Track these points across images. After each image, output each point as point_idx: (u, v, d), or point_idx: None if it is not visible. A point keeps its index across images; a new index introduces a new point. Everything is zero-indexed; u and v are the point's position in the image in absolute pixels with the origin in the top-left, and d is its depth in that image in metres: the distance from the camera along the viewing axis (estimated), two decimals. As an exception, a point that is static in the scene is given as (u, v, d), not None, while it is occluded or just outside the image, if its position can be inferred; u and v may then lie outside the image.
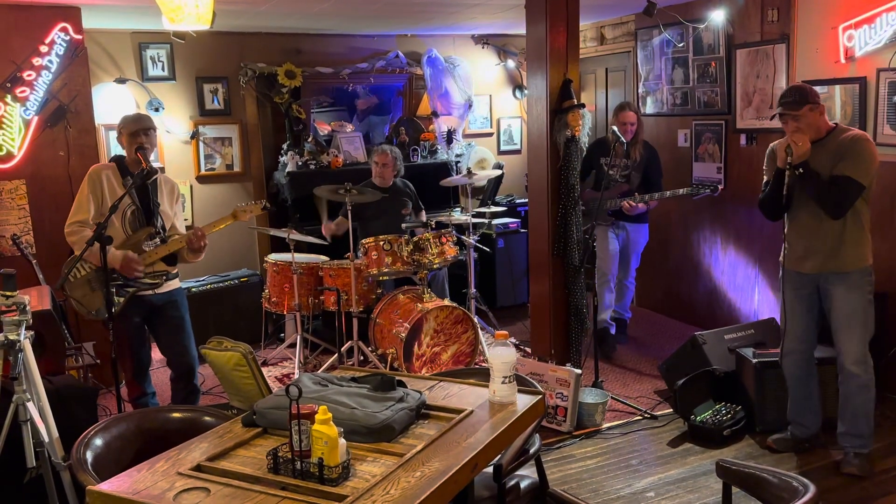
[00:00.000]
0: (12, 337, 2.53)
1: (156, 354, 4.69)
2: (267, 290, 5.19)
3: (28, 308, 2.59)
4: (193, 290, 5.42)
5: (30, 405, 2.61)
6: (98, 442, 2.40)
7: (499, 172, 6.74)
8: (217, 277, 5.77)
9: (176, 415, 2.64)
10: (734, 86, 5.30)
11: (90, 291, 3.69)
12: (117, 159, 3.80)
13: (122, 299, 3.68)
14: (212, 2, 2.91)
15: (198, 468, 1.95)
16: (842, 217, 3.43)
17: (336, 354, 4.91)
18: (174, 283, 3.88)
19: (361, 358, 4.94)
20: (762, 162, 5.13)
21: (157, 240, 3.74)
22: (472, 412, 2.25)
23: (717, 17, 5.27)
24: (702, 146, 5.65)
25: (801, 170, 3.41)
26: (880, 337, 4.17)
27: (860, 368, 3.48)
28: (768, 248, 5.18)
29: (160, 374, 4.93)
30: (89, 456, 2.33)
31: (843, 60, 4.48)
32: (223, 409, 2.79)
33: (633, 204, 5.00)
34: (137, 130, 3.70)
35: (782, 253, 3.66)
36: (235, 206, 3.98)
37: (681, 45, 5.66)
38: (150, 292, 3.75)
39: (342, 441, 1.89)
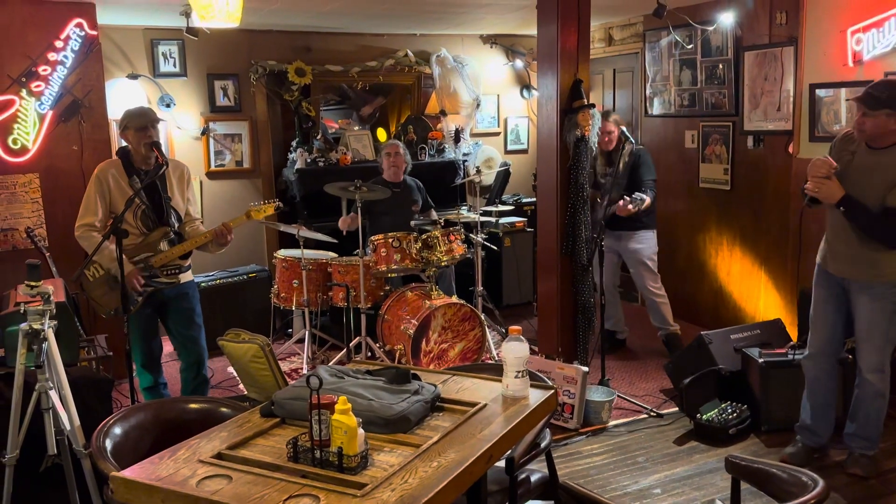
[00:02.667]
0: (36, 326, 2.58)
1: (167, 347, 4.75)
2: (276, 286, 5.23)
3: (52, 298, 2.64)
4: (203, 284, 5.47)
5: (52, 393, 2.65)
6: (117, 431, 2.44)
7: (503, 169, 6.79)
8: (226, 272, 5.82)
9: (193, 406, 2.69)
10: (742, 88, 5.33)
11: (108, 291, 3.74)
12: (123, 154, 3.82)
13: (140, 298, 3.73)
14: (241, 0, 2.96)
15: (219, 456, 2.00)
16: None
17: (344, 350, 4.95)
18: (186, 276, 3.93)
19: (369, 354, 4.99)
20: (769, 164, 5.21)
21: (172, 236, 3.79)
22: (485, 405, 2.29)
23: (726, 19, 5.30)
24: (709, 147, 5.69)
25: (842, 208, 3.28)
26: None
27: (877, 377, 3.45)
28: (774, 249, 5.22)
29: (169, 368, 4.98)
30: (109, 444, 2.37)
31: (851, 64, 4.51)
32: (239, 401, 2.83)
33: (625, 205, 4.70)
34: (145, 125, 3.72)
35: (820, 249, 3.59)
36: (250, 205, 4.02)
37: (689, 46, 5.69)
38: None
39: (361, 431, 1.93)
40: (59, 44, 4.71)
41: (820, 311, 3.60)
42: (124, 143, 3.86)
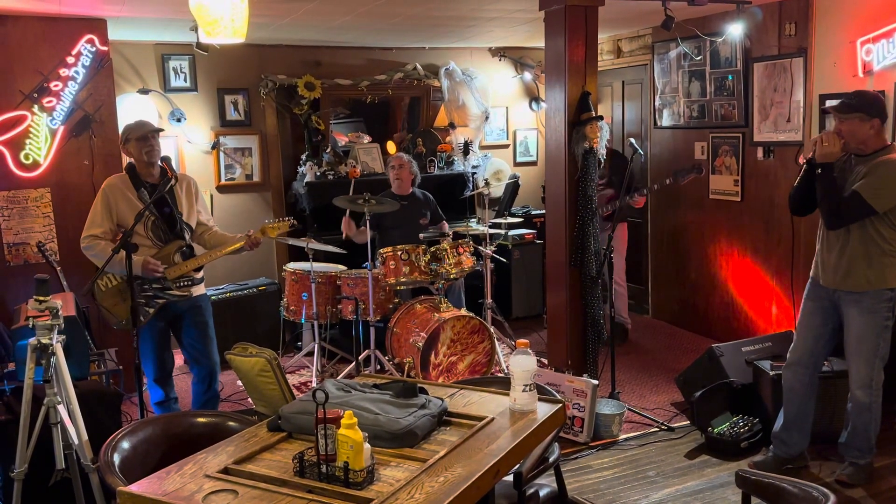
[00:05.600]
0: (45, 341, 2.59)
1: (177, 360, 4.75)
2: (285, 299, 5.24)
3: (60, 313, 2.65)
4: (213, 298, 5.46)
5: (60, 408, 2.66)
6: (125, 445, 2.45)
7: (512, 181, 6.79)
8: (236, 286, 5.83)
9: (201, 420, 2.69)
10: (751, 99, 5.31)
11: (120, 301, 3.76)
12: (129, 168, 3.85)
13: (151, 310, 3.75)
14: (247, 16, 2.98)
15: (225, 471, 2.00)
16: (836, 228, 3.39)
17: (353, 363, 4.95)
18: (199, 289, 3.95)
19: (378, 367, 4.98)
20: (779, 175, 5.19)
21: (185, 249, 3.83)
22: (493, 419, 2.28)
23: (735, 30, 5.29)
24: (719, 159, 5.67)
25: (819, 169, 3.37)
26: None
27: (863, 392, 3.47)
28: (785, 261, 5.18)
29: (180, 381, 4.99)
30: (117, 459, 2.37)
31: (861, 74, 4.50)
32: (247, 415, 2.82)
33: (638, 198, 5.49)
34: (145, 134, 3.75)
35: (813, 263, 3.65)
36: (265, 222, 4.04)
37: (698, 58, 5.69)
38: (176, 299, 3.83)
39: (367, 445, 1.92)
40: (70, 59, 4.75)
41: (806, 323, 3.66)
42: (129, 159, 3.89)
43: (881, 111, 3.36)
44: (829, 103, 3.65)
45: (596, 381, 4.16)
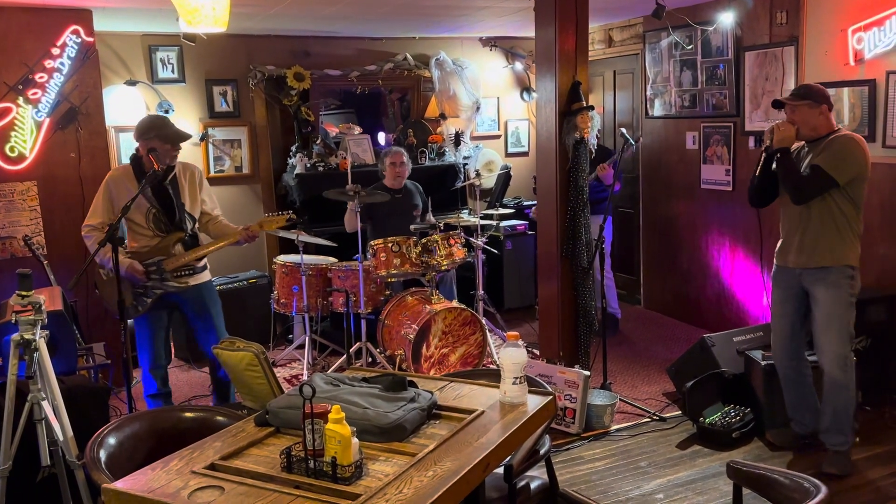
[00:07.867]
0: (28, 336, 2.56)
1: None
2: (276, 292, 5.21)
3: (43, 308, 2.62)
4: (203, 291, 5.45)
5: (44, 404, 2.63)
6: (111, 441, 2.42)
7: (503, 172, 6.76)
8: (226, 279, 5.80)
9: (188, 414, 2.66)
10: (743, 88, 5.30)
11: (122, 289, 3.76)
12: (134, 161, 3.84)
13: (149, 300, 3.75)
14: (228, 4, 2.94)
15: (212, 467, 1.97)
16: (802, 203, 3.48)
17: (344, 356, 4.92)
18: (200, 277, 3.94)
19: (370, 359, 4.96)
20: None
21: (186, 239, 3.82)
22: (483, 412, 2.26)
23: (726, 19, 5.27)
24: (710, 148, 5.65)
25: (778, 154, 3.50)
26: (890, 339, 4.18)
27: (838, 370, 3.50)
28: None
29: (172, 376, 4.95)
30: (103, 455, 2.34)
31: (852, 63, 4.48)
32: (235, 409, 2.80)
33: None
34: (175, 138, 3.77)
35: (777, 248, 3.73)
36: (263, 216, 4.03)
37: (689, 47, 5.66)
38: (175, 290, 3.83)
39: (355, 440, 1.90)
40: (55, 51, 4.70)
41: (779, 311, 3.73)
42: (136, 149, 3.86)
43: (827, 99, 3.54)
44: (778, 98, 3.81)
45: (588, 372, 4.14)
